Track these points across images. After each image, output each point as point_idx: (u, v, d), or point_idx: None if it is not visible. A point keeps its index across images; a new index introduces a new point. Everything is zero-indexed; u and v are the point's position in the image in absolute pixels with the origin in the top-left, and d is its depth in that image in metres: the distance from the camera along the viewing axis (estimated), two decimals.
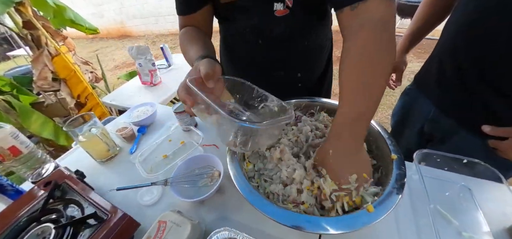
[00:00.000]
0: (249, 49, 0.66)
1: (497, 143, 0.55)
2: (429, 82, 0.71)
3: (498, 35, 0.50)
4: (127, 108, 1.37)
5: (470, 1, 0.56)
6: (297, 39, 0.62)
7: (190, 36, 0.63)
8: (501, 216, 0.47)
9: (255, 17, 0.58)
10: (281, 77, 0.69)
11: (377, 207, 0.35)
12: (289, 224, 0.35)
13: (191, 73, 0.49)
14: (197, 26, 0.66)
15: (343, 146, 0.42)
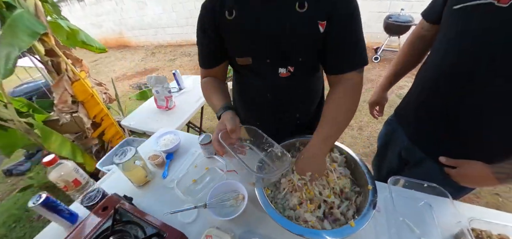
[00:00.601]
0: (259, 97, 0.84)
1: (449, 170, 0.74)
2: (405, 118, 0.90)
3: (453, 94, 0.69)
4: (145, 131, 1.53)
5: (436, 60, 0.74)
6: (297, 90, 0.80)
7: (212, 87, 0.81)
8: (450, 226, 0.66)
9: (264, 77, 0.76)
10: (284, 116, 0.87)
11: (358, 222, 0.54)
12: (298, 233, 0.54)
13: (219, 127, 0.67)
14: (215, 76, 0.84)
15: (310, 153, 0.67)
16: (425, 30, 0.84)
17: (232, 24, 0.67)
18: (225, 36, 0.71)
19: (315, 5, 0.60)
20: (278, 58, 0.70)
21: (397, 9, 4.03)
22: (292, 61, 0.70)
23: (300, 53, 0.68)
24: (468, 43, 0.62)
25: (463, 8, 0.62)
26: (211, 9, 0.68)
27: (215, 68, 0.80)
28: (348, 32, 0.63)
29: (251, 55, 0.71)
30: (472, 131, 0.69)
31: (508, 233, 0.61)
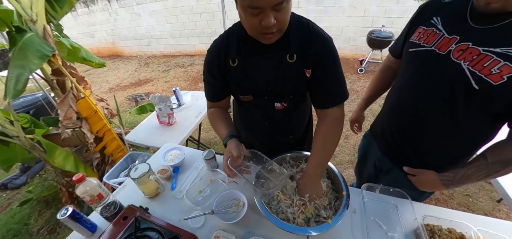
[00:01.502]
0: (259, 124, 0.99)
1: (410, 178, 0.92)
2: (377, 134, 1.09)
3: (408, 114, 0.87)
4: (149, 146, 1.64)
5: (396, 88, 0.93)
6: (290, 119, 0.96)
7: (218, 117, 0.97)
8: (410, 222, 0.83)
9: (263, 109, 0.92)
10: (280, 138, 1.03)
11: (334, 220, 0.71)
12: (290, 231, 0.69)
13: (227, 154, 0.82)
14: (220, 106, 1.00)
15: (307, 179, 0.82)
16: (391, 62, 1.04)
17: (235, 70, 0.81)
18: (229, 78, 0.84)
19: (302, 57, 0.75)
20: (274, 96, 0.86)
21: (379, 25, 4.41)
22: (285, 98, 0.87)
23: (291, 92, 0.84)
24: (416, 79, 0.81)
25: (413, 51, 0.82)
26: (217, 56, 0.82)
27: (221, 101, 0.97)
28: (330, 76, 0.78)
29: (251, 94, 0.87)
30: (424, 147, 0.87)
31: (454, 227, 0.78)
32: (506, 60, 0.59)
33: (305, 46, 0.75)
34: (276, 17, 0.61)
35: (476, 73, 0.63)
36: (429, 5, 0.82)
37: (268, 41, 0.69)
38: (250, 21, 0.64)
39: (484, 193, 2.04)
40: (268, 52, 0.76)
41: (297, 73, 0.78)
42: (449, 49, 0.70)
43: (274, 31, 0.65)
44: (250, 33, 0.71)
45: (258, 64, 0.79)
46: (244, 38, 0.78)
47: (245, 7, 0.61)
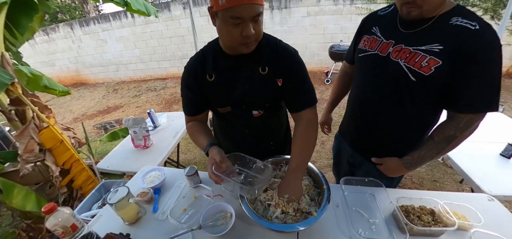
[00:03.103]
0: (239, 133, 1.03)
1: (378, 167, 1.02)
2: (345, 133, 1.19)
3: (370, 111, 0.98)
4: (125, 172, 1.55)
5: (353, 90, 1.06)
6: (268, 125, 1.01)
7: (197, 129, 0.97)
8: (387, 207, 0.90)
9: (242, 118, 0.96)
10: (260, 145, 1.07)
11: (319, 213, 0.75)
12: (279, 229, 0.72)
13: (211, 161, 0.81)
14: (199, 120, 1.00)
15: (287, 181, 0.85)
16: (347, 68, 1.18)
17: (212, 84, 0.86)
18: (207, 92, 0.89)
19: (273, 69, 0.83)
20: (250, 105, 0.91)
21: (337, 40, 4.99)
22: (261, 106, 0.92)
23: (266, 100, 0.90)
24: (367, 79, 0.96)
25: (362, 56, 0.96)
26: (194, 72, 0.87)
27: (199, 115, 0.98)
28: (300, 82, 0.87)
29: (229, 105, 0.91)
30: (384, 137, 0.98)
31: (424, 204, 0.88)
32: (431, 55, 0.74)
33: (274, 59, 0.83)
34: (254, 28, 0.68)
35: (411, 67, 0.78)
36: (369, 18, 1.00)
37: (247, 50, 0.75)
38: (231, 32, 0.69)
39: (448, 176, 2.30)
40: (242, 66, 0.83)
41: (270, 83, 0.86)
42: (388, 51, 0.84)
43: (252, 41, 0.72)
44: (229, 44, 0.76)
45: (234, 77, 0.85)
46: (219, 54, 0.84)
47: (227, 19, 0.66)
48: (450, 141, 0.81)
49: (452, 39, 0.71)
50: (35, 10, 1.56)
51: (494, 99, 0.73)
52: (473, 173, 1.25)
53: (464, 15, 0.72)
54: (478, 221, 0.81)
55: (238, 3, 0.63)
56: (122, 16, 5.96)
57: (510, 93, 4.28)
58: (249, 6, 0.64)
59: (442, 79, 0.75)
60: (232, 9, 0.63)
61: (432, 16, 0.75)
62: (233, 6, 0.63)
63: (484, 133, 1.60)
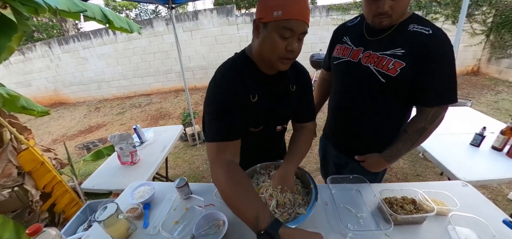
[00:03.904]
0: (261, 147, 1.03)
1: (362, 164, 1.08)
2: (329, 135, 1.25)
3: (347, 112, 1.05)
4: (112, 190, 1.51)
5: (332, 95, 1.14)
6: (283, 136, 1.07)
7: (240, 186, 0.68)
8: (373, 201, 0.95)
9: (267, 134, 0.96)
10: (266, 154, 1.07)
11: (307, 211, 0.78)
12: None
13: None
14: (233, 152, 0.77)
15: (281, 173, 0.88)
16: (325, 75, 1.27)
17: (255, 105, 0.81)
18: (247, 113, 0.81)
19: (298, 86, 0.90)
20: (279, 121, 0.95)
21: (317, 49, 5.25)
22: (286, 121, 0.98)
23: (291, 116, 0.98)
24: (343, 83, 1.04)
25: (336, 63, 1.05)
26: (236, 92, 0.77)
27: (236, 141, 0.78)
28: (310, 98, 0.97)
29: (264, 124, 0.90)
30: (364, 135, 1.05)
31: (406, 194, 0.94)
32: (396, 58, 0.84)
33: (298, 76, 0.91)
34: (298, 45, 0.71)
35: (380, 70, 0.87)
36: (339, 29, 1.11)
37: (284, 67, 0.75)
38: (277, 44, 0.68)
39: (429, 170, 2.44)
40: (280, 85, 0.86)
41: (296, 99, 0.92)
42: (359, 57, 0.94)
43: (291, 57, 0.73)
44: (269, 57, 0.73)
45: (272, 96, 0.86)
46: (258, 73, 0.81)
47: (279, 29, 0.67)
48: (421, 132, 0.90)
49: (411, 44, 0.82)
50: (13, 29, 1.51)
51: (453, 92, 0.84)
52: (448, 162, 1.35)
53: (419, 22, 0.84)
54: (455, 205, 0.87)
55: (293, 17, 0.65)
56: (103, 34, 5.86)
57: (476, 89, 4.65)
58: (302, 22, 0.67)
59: (407, 78, 0.84)
60: (287, 21, 0.65)
61: (393, 25, 0.86)
62: (289, 18, 0.65)
63: (455, 125, 1.75)
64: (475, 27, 5.29)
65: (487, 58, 5.46)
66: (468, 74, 5.65)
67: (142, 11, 13.61)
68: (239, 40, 5.76)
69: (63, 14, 1.99)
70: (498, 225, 0.80)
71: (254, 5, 9.39)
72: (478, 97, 4.20)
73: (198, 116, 4.35)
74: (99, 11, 2.21)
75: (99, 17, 2.19)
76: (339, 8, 5.40)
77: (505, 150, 1.41)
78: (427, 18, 5.19)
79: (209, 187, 1.16)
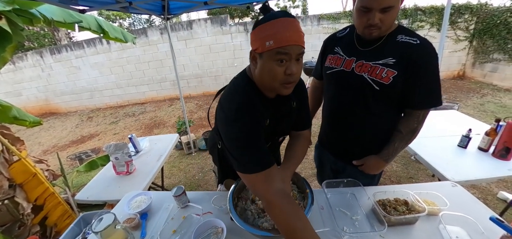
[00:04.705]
0: None
1: (360, 168, 1.11)
2: (324, 142, 1.28)
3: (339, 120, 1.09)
4: (106, 201, 1.48)
5: (325, 102, 1.17)
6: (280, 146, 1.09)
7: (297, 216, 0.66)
8: (367, 203, 0.98)
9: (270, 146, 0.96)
10: None
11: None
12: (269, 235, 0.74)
13: None
14: (280, 178, 0.76)
15: None
16: (316, 83, 1.31)
17: (267, 128, 0.84)
18: None
19: (298, 100, 0.92)
20: (282, 135, 0.99)
21: (309, 57, 5.42)
22: (287, 133, 1.01)
23: (291, 129, 0.99)
24: (337, 92, 1.09)
25: (330, 73, 1.09)
26: (257, 120, 0.76)
27: (273, 166, 0.74)
28: (306, 107, 0.98)
29: (271, 141, 0.95)
30: (361, 139, 1.09)
31: (398, 196, 0.97)
32: (388, 67, 0.90)
33: (297, 91, 0.90)
34: (296, 68, 0.70)
35: (374, 79, 0.92)
36: (330, 40, 1.15)
37: (287, 91, 0.75)
38: (275, 71, 0.69)
39: (421, 172, 2.51)
40: (284, 105, 0.88)
41: (297, 114, 0.95)
42: (352, 67, 0.99)
43: (292, 81, 0.72)
44: (270, 84, 0.74)
45: (279, 116, 0.88)
46: (263, 98, 0.81)
47: (274, 56, 0.67)
48: (414, 132, 0.97)
49: (401, 53, 0.88)
50: (8, 40, 1.51)
51: (439, 96, 0.91)
52: (438, 163, 1.40)
53: (406, 33, 0.91)
54: (445, 205, 0.91)
55: (285, 43, 0.65)
56: (97, 43, 5.84)
57: (463, 92, 4.82)
58: (296, 46, 0.67)
59: (399, 85, 0.90)
60: (282, 48, 0.66)
61: (382, 36, 0.93)
62: (281, 46, 0.66)
63: (443, 128, 1.82)
64: (459, 34, 5.53)
65: (471, 63, 5.70)
66: (454, 78, 5.87)
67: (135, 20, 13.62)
68: (233, 49, 5.82)
69: (58, 24, 2.00)
70: (486, 223, 0.83)
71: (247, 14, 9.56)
72: (464, 101, 4.36)
73: (194, 125, 4.34)
74: (94, 21, 2.22)
75: (94, 27, 2.20)
76: (329, 17, 5.56)
77: (491, 150, 1.47)
78: (412, 26, 5.45)
79: (206, 195, 1.17)
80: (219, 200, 1.09)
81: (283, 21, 0.67)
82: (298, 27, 0.69)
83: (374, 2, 0.82)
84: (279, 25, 0.66)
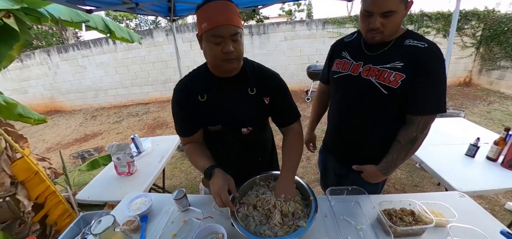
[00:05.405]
0: (229, 150, 1.05)
1: (361, 175, 1.08)
2: (329, 147, 1.26)
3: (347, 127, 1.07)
4: (107, 202, 1.48)
5: (331, 107, 1.15)
6: (255, 141, 1.05)
7: (196, 151, 0.99)
8: (372, 212, 0.95)
9: (231, 136, 0.99)
10: (250, 161, 1.09)
11: (308, 223, 0.77)
12: None
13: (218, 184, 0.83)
14: (195, 141, 1.01)
15: (281, 182, 0.91)
16: (323, 88, 1.29)
17: (204, 104, 0.91)
18: (199, 112, 0.93)
19: (260, 89, 0.93)
20: (240, 123, 0.96)
21: (313, 61, 5.39)
22: (250, 123, 0.98)
23: (254, 118, 0.98)
24: (344, 96, 1.06)
25: (337, 77, 1.07)
26: (186, 94, 0.92)
27: (193, 135, 0.99)
28: (287, 100, 0.99)
29: (220, 123, 0.95)
30: (367, 146, 1.06)
31: (404, 206, 0.94)
32: (396, 71, 0.88)
33: (260, 81, 0.94)
34: (233, 46, 0.78)
35: (382, 83, 0.90)
36: (337, 44, 1.13)
37: (230, 67, 0.82)
38: (213, 50, 0.78)
39: (426, 180, 2.45)
40: (233, 87, 0.92)
41: (258, 102, 0.95)
42: (359, 71, 0.97)
43: (233, 58, 0.80)
44: (213, 62, 0.84)
45: (224, 98, 0.92)
46: (210, 77, 0.91)
47: (210, 38, 0.77)
48: (413, 142, 0.93)
49: (409, 57, 0.86)
50: (15, 38, 1.53)
51: (442, 102, 0.88)
52: (444, 172, 1.36)
53: (414, 37, 0.89)
54: (453, 217, 0.88)
55: (215, 24, 0.74)
56: (103, 43, 5.91)
57: (469, 99, 4.75)
58: (227, 26, 0.75)
59: (407, 89, 0.88)
60: (213, 29, 0.75)
61: (390, 40, 0.91)
62: (213, 27, 0.74)
63: (450, 136, 1.78)
64: (466, 40, 5.47)
65: (478, 70, 5.62)
66: (460, 85, 5.79)
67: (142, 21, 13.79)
68: None
69: (66, 24, 2.02)
70: (496, 236, 0.80)
71: (252, 17, 9.60)
72: (471, 108, 4.29)
73: None
74: (101, 21, 2.24)
75: (101, 27, 2.22)
76: (334, 22, 5.55)
77: (500, 160, 1.43)
78: (419, 31, 5.41)
79: (207, 198, 1.15)
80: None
81: (215, 4, 0.75)
82: (230, 9, 0.77)
83: (375, 6, 0.82)
84: (212, 8, 0.75)
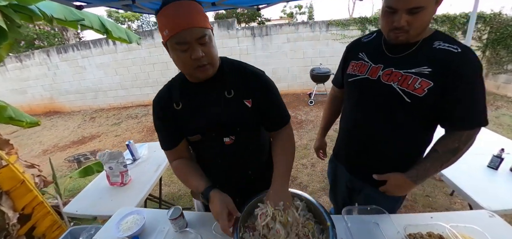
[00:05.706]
0: (212, 163, 0.95)
1: (382, 188, 0.94)
2: (340, 157, 1.13)
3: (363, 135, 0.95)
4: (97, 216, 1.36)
5: (344, 113, 1.04)
6: (242, 152, 0.92)
7: (186, 169, 0.91)
8: (395, 235, 0.83)
9: (213, 147, 0.89)
10: (236, 174, 0.97)
11: None
12: None
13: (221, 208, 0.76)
14: (181, 155, 0.93)
15: (275, 187, 0.82)
16: (336, 92, 1.18)
17: (180, 112, 0.84)
18: (177, 121, 0.85)
19: (239, 91, 0.83)
20: (220, 131, 0.86)
21: (317, 63, 5.27)
22: (231, 131, 0.86)
23: (236, 124, 0.85)
24: (359, 102, 0.95)
25: (352, 81, 0.96)
26: (163, 103, 0.86)
27: (177, 147, 0.90)
28: (273, 103, 0.88)
29: (199, 133, 0.86)
30: (384, 156, 0.94)
31: (430, 229, 0.83)
32: (422, 77, 0.76)
33: (240, 81, 0.83)
34: (203, 50, 0.69)
35: (405, 89, 0.79)
36: (354, 45, 1.02)
37: (203, 74, 0.75)
38: (182, 58, 0.70)
39: (438, 190, 2.31)
40: (208, 91, 0.83)
41: (237, 105, 0.84)
42: (378, 75, 0.86)
43: (205, 63, 0.72)
44: (186, 71, 0.77)
45: (200, 103, 0.84)
46: (185, 83, 0.84)
47: (174, 45, 0.68)
48: (455, 152, 0.82)
49: (439, 62, 0.75)
50: (3, 37, 1.43)
51: (484, 113, 0.78)
52: (467, 187, 1.24)
53: (445, 39, 0.77)
54: None
55: (177, 30, 0.65)
56: (103, 43, 5.83)
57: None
58: (191, 29, 0.66)
59: (436, 99, 0.76)
60: (176, 35, 0.66)
61: (416, 41, 0.79)
62: (175, 33, 0.65)
63: None
64: (472, 44, 5.35)
65: (484, 74, 5.49)
66: None
67: (144, 22, 13.78)
68: (239, 53, 5.74)
69: (60, 22, 1.91)
70: None
71: (254, 19, 9.54)
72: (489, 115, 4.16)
73: None
74: (97, 20, 2.14)
75: (96, 26, 2.12)
76: (338, 24, 5.44)
77: None
78: None
79: (207, 217, 1.03)
80: None
81: (174, 6, 0.66)
82: (192, 8, 0.67)
83: (400, 2, 0.71)
84: (170, 11, 0.66)
